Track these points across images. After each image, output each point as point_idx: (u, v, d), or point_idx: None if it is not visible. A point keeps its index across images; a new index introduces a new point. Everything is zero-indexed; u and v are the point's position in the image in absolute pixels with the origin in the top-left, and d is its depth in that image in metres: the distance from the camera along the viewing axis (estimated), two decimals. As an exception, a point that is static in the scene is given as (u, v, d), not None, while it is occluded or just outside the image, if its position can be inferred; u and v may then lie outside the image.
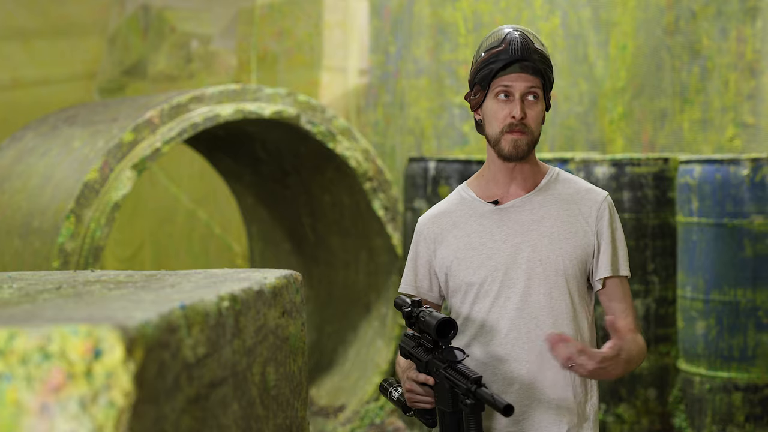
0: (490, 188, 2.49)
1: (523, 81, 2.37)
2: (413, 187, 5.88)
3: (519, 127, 2.38)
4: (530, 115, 2.38)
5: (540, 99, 2.40)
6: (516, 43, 2.36)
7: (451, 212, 2.52)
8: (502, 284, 2.43)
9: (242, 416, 1.88)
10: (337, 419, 6.21)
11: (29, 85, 8.82)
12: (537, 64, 2.37)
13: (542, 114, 2.41)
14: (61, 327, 1.41)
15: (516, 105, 2.37)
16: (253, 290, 1.99)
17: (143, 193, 8.60)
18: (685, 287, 4.93)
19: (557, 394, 2.43)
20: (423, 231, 2.54)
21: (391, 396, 2.47)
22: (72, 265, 5.12)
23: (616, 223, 2.48)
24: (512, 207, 2.46)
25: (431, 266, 2.53)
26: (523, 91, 2.37)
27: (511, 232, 2.44)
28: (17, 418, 1.40)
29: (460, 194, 2.54)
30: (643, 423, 5.09)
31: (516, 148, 2.39)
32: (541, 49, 2.39)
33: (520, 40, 2.37)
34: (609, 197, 2.50)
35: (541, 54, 2.39)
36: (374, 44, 7.56)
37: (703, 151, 5.95)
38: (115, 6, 9.13)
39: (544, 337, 2.29)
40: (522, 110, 2.37)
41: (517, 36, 2.38)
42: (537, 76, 2.37)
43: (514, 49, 2.36)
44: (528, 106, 2.38)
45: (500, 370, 2.43)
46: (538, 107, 2.39)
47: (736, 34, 5.87)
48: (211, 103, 5.69)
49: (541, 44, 2.42)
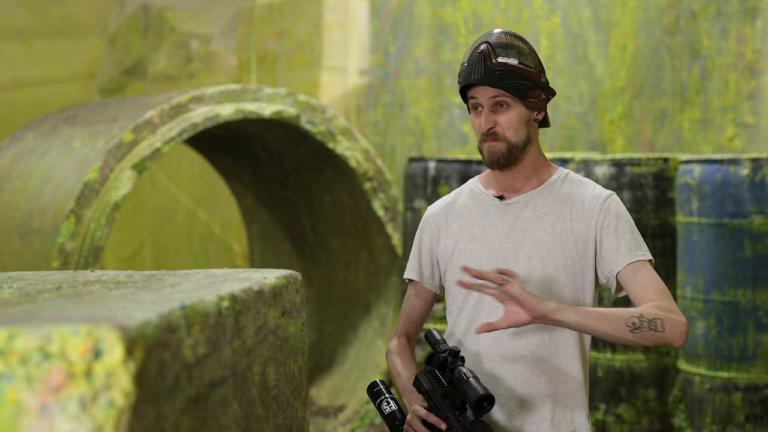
0: (498, 183, 2.53)
1: (486, 93, 2.41)
2: (413, 187, 5.88)
3: (490, 137, 2.42)
4: (500, 122, 2.42)
5: (511, 105, 2.41)
6: (474, 64, 2.40)
7: (458, 204, 2.56)
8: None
9: (242, 416, 1.88)
10: (337, 419, 6.21)
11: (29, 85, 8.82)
12: (493, 80, 2.38)
13: (517, 118, 2.42)
14: (61, 327, 1.41)
15: (482, 117, 2.42)
16: (253, 290, 1.99)
17: (143, 193, 8.60)
18: (685, 287, 4.93)
19: (553, 389, 2.44)
20: (429, 219, 2.59)
21: (381, 408, 2.44)
22: (72, 265, 5.12)
23: (622, 219, 2.45)
24: (516, 203, 2.49)
25: (433, 255, 2.57)
26: (488, 102, 2.42)
27: (514, 228, 2.46)
28: (17, 418, 1.40)
29: (469, 187, 2.59)
30: (643, 423, 5.09)
31: (491, 155, 2.44)
32: (505, 61, 2.39)
33: (477, 59, 2.40)
34: (615, 195, 2.49)
35: (504, 66, 2.39)
36: (374, 44, 7.56)
37: (703, 151, 5.95)
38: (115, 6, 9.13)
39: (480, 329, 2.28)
40: (489, 121, 2.41)
41: (479, 53, 2.40)
42: (494, 87, 2.39)
43: (472, 71, 2.40)
44: (498, 113, 2.42)
45: (498, 366, 2.45)
46: (509, 113, 2.41)
47: (736, 34, 5.87)
48: (211, 103, 5.69)
49: (516, 50, 2.42)
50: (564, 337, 2.44)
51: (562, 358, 2.44)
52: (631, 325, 2.25)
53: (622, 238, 2.43)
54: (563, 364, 2.44)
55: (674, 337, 2.28)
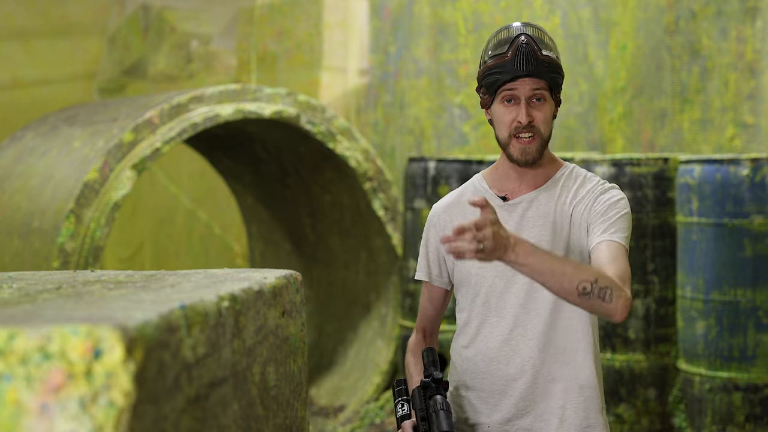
0: (503, 182, 2.51)
1: (528, 84, 2.37)
2: (413, 187, 5.88)
3: (526, 132, 2.38)
4: (537, 117, 2.39)
5: (547, 99, 2.39)
6: (522, 55, 2.34)
7: (463, 202, 2.54)
8: (507, 279, 2.44)
9: (242, 416, 1.88)
10: (337, 419, 6.21)
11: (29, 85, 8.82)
12: (543, 72, 2.36)
13: (551, 113, 2.41)
14: (61, 327, 1.41)
15: (521, 109, 2.37)
16: (253, 290, 1.99)
17: (143, 193, 8.60)
18: (685, 287, 4.93)
19: (562, 387, 2.44)
20: (434, 219, 2.58)
21: (396, 409, 2.49)
22: (72, 265, 5.12)
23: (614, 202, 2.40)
24: (520, 203, 2.48)
25: (440, 254, 2.57)
26: (527, 94, 2.37)
27: (518, 228, 2.46)
28: (17, 418, 1.40)
29: (474, 184, 2.57)
30: (643, 423, 5.09)
31: (525, 155, 2.41)
32: (548, 55, 2.37)
33: (526, 50, 2.35)
34: (616, 187, 2.47)
35: (549, 59, 2.37)
36: (374, 44, 7.56)
37: (703, 151, 5.95)
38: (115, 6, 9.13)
39: None
40: (528, 114, 2.37)
41: (524, 44, 2.35)
42: (543, 79, 2.37)
43: (520, 62, 2.34)
44: (534, 107, 2.38)
45: (505, 366, 2.45)
46: (545, 108, 2.39)
47: (736, 34, 5.87)
48: (211, 103, 5.69)
49: (550, 43, 2.41)
50: (575, 332, 2.44)
51: (571, 353, 2.43)
52: (581, 289, 2.17)
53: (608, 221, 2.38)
54: (574, 359, 2.44)
55: (617, 310, 2.21)
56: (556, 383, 2.43)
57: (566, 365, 2.43)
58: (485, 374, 2.47)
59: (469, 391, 2.50)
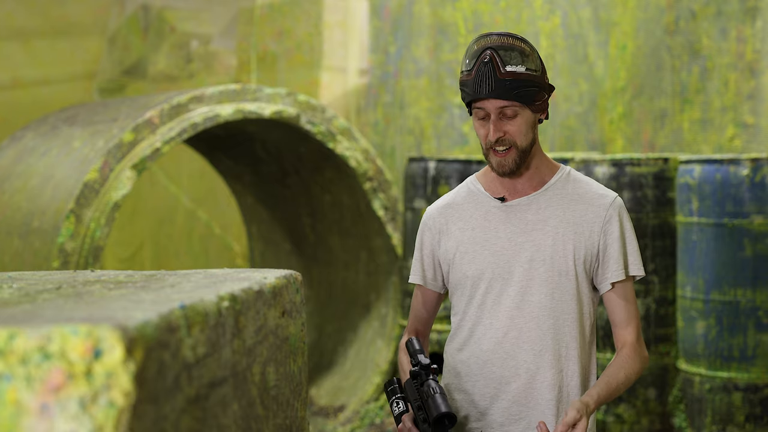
0: (497, 184, 2.50)
1: (493, 103, 2.36)
2: (413, 187, 5.88)
3: (500, 145, 2.38)
4: (510, 130, 2.38)
5: (520, 112, 2.36)
6: (481, 76, 2.33)
7: (458, 204, 2.53)
8: (503, 282, 2.43)
9: (242, 416, 1.88)
10: (337, 419, 6.21)
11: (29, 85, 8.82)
12: (504, 92, 2.33)
13: (526, 124, 2.38)
14: (61, 327, 1.41)
15: (491, 126, 2.37)
16: (253, 290, 1.99)
17: (143, 193, 8.60)
18: (685, 287, 4.93)
19: (555, 395, 2.43)
20: (428, 222, 2.57)
21: (392, 408, 2.48)
22: (72, 265, 5.12)
23: (626, 225, 2.47)
24: (518, 205, 2.47)
25: (435, 257, 2.55)
26: (496, 111, 2.36)
27: (516, 231, 2.45)
28: (17, 418, 1.40)
29: (468, 186, 2.56)
30: (643, 423, 5.09)
31: (501, 167, 2.41)
32: (513, 70, 2.33)
33: (485, 71, 2.32)
34: (619, 199, 2.48)
35: (513, 75, 2.33)
36: (374, 44, 7.56)
37: (703, 151, 5.95)
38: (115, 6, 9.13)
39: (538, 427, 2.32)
40: (497, 130, 2.37)
41: (485, 63, 2.32)
42: (504, 99, 2.34)
43: (478, 84, 2.33)
44: (507, 121, 2.37)
45: (498, 369, 2.44)
46: (517, 121, 2.37)
47: (736, 34, 5.87)
48: (211, 103, 5.69)
49: (519, 56, 2.35)
50: (567, 333, 2.43)
51: (565, 353, 2.43)
52: (624, 387, 2.44)
53: (619, 253, 2.45)
54: (568, 360, 2.43)
55: (637, 375, 2.47)
56: (551, 391, 2.43)
57: (560, 372, 2.43)
58: (478, 377, 2.46)
59: (462, 393, 2.49)
